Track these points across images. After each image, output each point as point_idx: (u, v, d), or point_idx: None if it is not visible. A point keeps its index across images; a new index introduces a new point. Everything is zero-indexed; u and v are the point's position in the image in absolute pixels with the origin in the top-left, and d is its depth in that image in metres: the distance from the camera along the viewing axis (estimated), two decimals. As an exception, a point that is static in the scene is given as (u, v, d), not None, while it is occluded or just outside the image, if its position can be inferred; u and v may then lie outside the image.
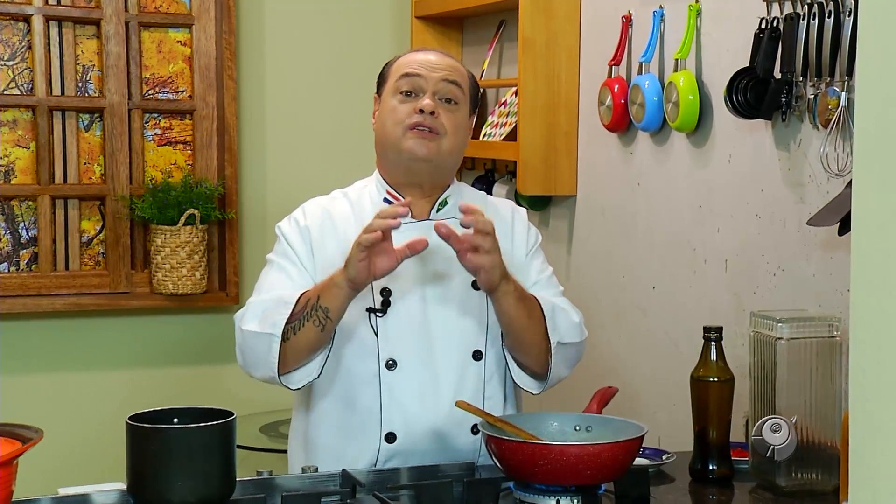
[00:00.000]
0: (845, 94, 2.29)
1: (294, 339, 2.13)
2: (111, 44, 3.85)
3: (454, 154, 2.28)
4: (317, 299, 2.12)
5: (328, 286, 2.12)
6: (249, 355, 2.19)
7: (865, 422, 1.14)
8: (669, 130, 2.94)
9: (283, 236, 2.29)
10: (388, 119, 2.26)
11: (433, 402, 2.21)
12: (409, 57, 2.31)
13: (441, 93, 2.24)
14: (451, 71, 2.27)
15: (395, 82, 2.27)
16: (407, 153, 2.23)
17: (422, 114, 2.22)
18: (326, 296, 2.11)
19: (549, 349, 2.21)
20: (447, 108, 2.25)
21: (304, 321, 2.12)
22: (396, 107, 2.25)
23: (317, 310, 2.11)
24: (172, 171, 3.97)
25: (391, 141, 2.25)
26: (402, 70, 2.27)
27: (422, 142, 2.22)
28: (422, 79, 2.24)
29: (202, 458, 1.84)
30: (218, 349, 4.03)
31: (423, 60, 2.28)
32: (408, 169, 2.26)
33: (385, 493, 1.97)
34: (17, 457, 1.70)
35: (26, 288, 3.83)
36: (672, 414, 2.90)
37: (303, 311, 2.12)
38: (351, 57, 4.13)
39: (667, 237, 2.98)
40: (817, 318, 2.19)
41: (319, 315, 2.11)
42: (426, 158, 2.23)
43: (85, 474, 2.95)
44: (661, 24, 2.95)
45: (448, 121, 2.24)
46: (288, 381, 2.19)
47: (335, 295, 2.11)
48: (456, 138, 2.26)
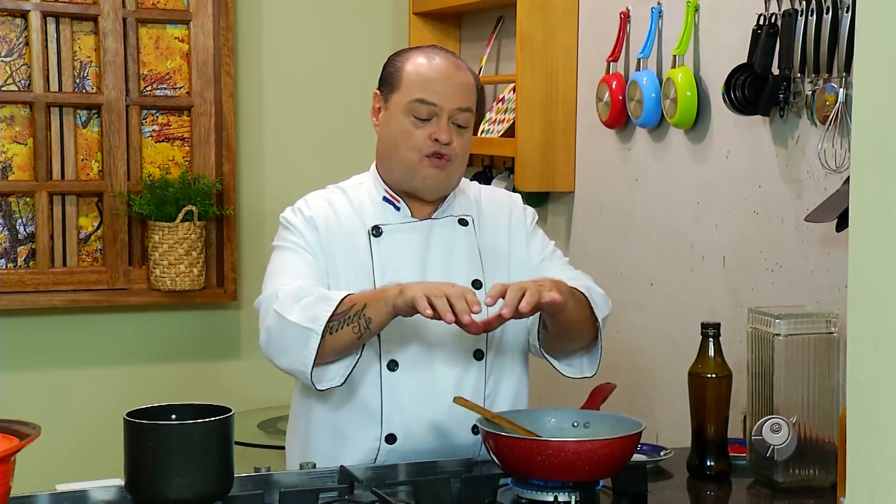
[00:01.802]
0: (843, 90, 2.29)
1: (330, 339, 2.09)
2: (109, 40, 3.84)
3: (462, 173, 2.30)
4: (363, 307, 2.09)
5: (377, 299, 2.09)
6: (281, 343, 2.14)
7: (863, 418, 1.14)
8: (667, 127, 2.94)
9: (290, 224, 2.27)
10: (401, 141, 2.24)
11: (433, 404, 2.21)
12: (425, 73, 2.23)
13: (455, 119, 2.23)
14: (463, 95, 2.24)
15: (408, 103, 2.23)
16: (421, 181, 2.24)
17: (437, 143, 2.21)
18: (373, 308, 2.08)
19: (595, 328, 2.22)
20: (458, 132, 2.24)
21: (344, 324, 2.09)
22: (411, 131, 2.22)
23: (360, 317, 2.09)
24: (170, 167, 3.96)
25: (406, 165, 2.24)
26: (418, 92, 2.22)
27: (437, 171, 2.23)
28: (437, 107, 2.22)
29: (200, 455, 1.84)
30: (216, 346, 4.03)
31: (437, 79, 2.22)
32: (417, 191, 2.27)
33: (383, 490, 1.97)
34: (15, 453, 1.70)
35: (24, 284, 3.83)
36: (670, 410, 2.90)
37: (345, 314, 2.09)
38: (349, 53, 4.13)
39: (665, 233, 2.98)
40: (815, 315, 2.19)
41: (361, 323, 2.09)
42: (437, 188, 2.26)
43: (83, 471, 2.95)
44: (658, 20, 2.95)
45: (459, 145, 2.24)
46: (318, 379, 2.14)
47: (380, 310, 2.08)
48: (464, 159, 2.28)
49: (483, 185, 2.45)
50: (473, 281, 2.26)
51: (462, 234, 2.30)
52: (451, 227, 2.30)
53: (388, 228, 2.25)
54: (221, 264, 3.98)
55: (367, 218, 2.27)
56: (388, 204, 2.28)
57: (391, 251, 2.23)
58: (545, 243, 2.38)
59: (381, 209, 2.28)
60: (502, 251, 2.32)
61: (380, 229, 2.25)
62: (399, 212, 2.28)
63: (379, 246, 2.24)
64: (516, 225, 2.35)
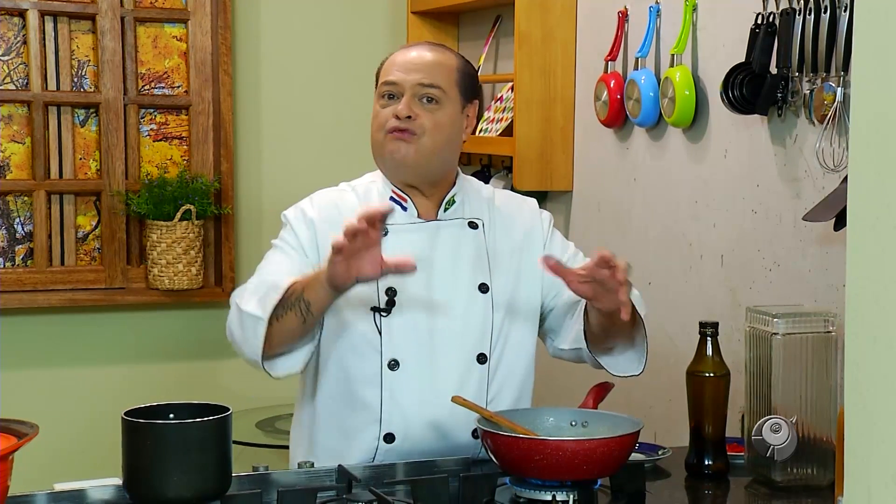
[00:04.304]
0: (841, 89, 2.29)
1: (277, 325, 2.11)
2: (107, 39, 3.84)
3: (438, 152, 2.25)
4: (301, 291, 2.10)
5: (313, 281, 2.10)
6: (238, 333, 2.17)
7: (861, 417, 1.15)
8: (665, 126, 2.95)
9: (288, 223, 2.28)
10: (372, 124, 2.28)
11: (434, 404, 2.21)
12: (393, 58, 2.30)
13: (419, 94, 2.24)
14: (427, 70, 2.24)
15: (379, 87, 2.29)
16: (388, 157, 2.25)
17: (397, 119, 2.22)
18: (310, 290, 2.09)
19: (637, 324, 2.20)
20: (427, 108, 2.24)
21: (287, 309, 2.10)
22: (379, 112, 2.27)
23: (300, 301, 2.09)
24: (168, 166, 3.96)
25: (376, 146, 2.28)
26: (385, 75, 2.28)
27: (399, 144, 2.23)
28: (398, 85, 2.24)
29: (198, 454, 1.84)
30: (214, 345, 4.03)
31: (402, 63, 2.26)
32: (393, 172, 2.27)
33: (381, 489, 1.97)
34: (13, 452, 1.69)
35: (22, 283, 3.82)
36: (668, 409, 2.90)
37: (289, 300, 2.11)
38: (347, 52, 4.13)
39: (663, 232, 2.98)
40: (813, 314, 2.19)
41: (301, 307, 2.09)
42: (404, 161, 2.24)
43: (81, 470, 2.94)
44: (657, 19, 2.95)
45: (427, 120, 2.23)
46: (270, 367, 2.17)
47: (317, 291, 2.09)
48: (438, 136, 2.24)
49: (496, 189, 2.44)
50: (480, 284, 2.25)
51: (471, 236, 2.29)
52: (460, 230, 2.29)
53: (395, 229, 2.24)
54: (219, 263, 3.97)
55: None
56: (395, 203, 2.28)
57: (396, 251, 2.21)
58: (565, 245, 2.38)
59: None
60: (513, 256, 2.31)
61: (385, 229, 2.24)
62: (406, 212, 2.28)
63: (384, 246, 2.23)
64: (533, 231, 2.34)
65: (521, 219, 2.36)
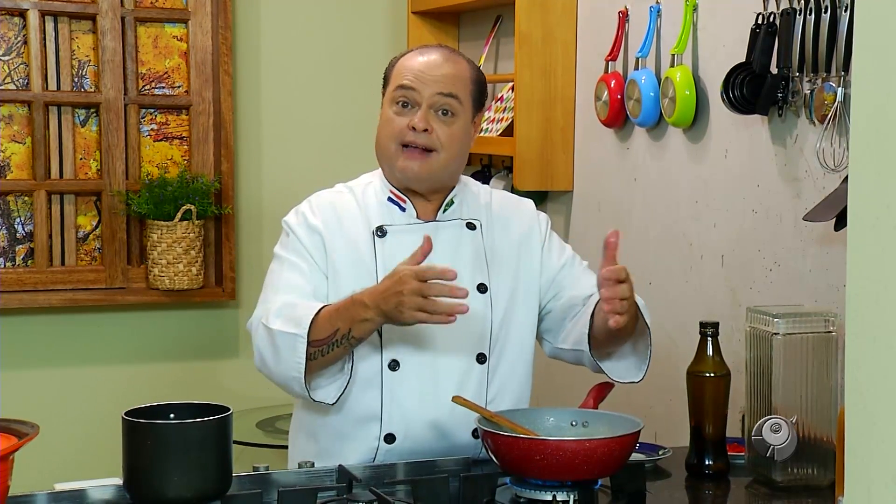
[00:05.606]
0: (841, 89, 2.29)
1: (322, 360, 2.11)
2: (107, 39, 3.84)
3: (450, 166, 2.24)
4: (348, 331, 2.08)
5: (359, 320, 2.07)
6: (269, 355, 2.13)
7: (861, 417, 1.15)
8: (666, 126, 2.95)
9: (291, 231, 2.25)
10: (383, 130, 2.23)
11: (434, 405, 2.21)
12: (408, 61, 2.23)
13: (436, 105, 2.20)
14: (447, 82, 2.20)
15: (392, 91, 2.23)
16: (399, 172, 2.22)
17: (414, 131, 2.19)
18: (359, 329, 2.08)
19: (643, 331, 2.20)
20: (442, 120, 2.20)
21: (333, 347, 2.09)
22: (392, 119, 2.21)
23: (349, 339, 2.09)
24: (169, 166, 3.96)
25: (385, 155, 2.24)
26: (399, 78, 2.22)
27: (413, 162, 2.20)
28: (416, 92, 2.19)
29: (198, 454, 1.84)
30: (214, 345, 4.03)
31: (420, 68, 2.21)
32: (400, 182, 2.25)
33: (381, 489, 1.97)
34: (13, 452, 1.69)
35: (22, 283, 3.82)
36: (668, 409, 2.90)
37: (332, 339, 2.08)
38: (347, 52, 4.13)
39: (663, 232, 2.98)
40: (813, 314, 2.19)
41: (351, 342, 2.10)
42: (418, 178, 2.22)
43: (81, 470, 2.95)
44: (657, 19, 2.95)
45: (443, 134, 2.20)
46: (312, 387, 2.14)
47: (367, 329, 2.09)
48: (452, 150, 2.22)
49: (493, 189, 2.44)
50: (479, 285, 2.25)
51: (469, 237, 2.28)
52: (458, 230, 2.28)
53: (393, 229, 2.24)
54: (220, 263, 3.97)
55: (373, 218, 2.26)
56: (393, 204, 2.27)
57: (395, 252, 2.21)
58: (563, 248, 2.37)
59: (386, 209, 2.27)
60: (511, 256, 2.30)
61: (384, 230, 2.24)
62: (404, 213, 2.27)
63: (383, 247, 2.23)
64: (530, 233, 2.33)
65: (519, 219, 2.35)
